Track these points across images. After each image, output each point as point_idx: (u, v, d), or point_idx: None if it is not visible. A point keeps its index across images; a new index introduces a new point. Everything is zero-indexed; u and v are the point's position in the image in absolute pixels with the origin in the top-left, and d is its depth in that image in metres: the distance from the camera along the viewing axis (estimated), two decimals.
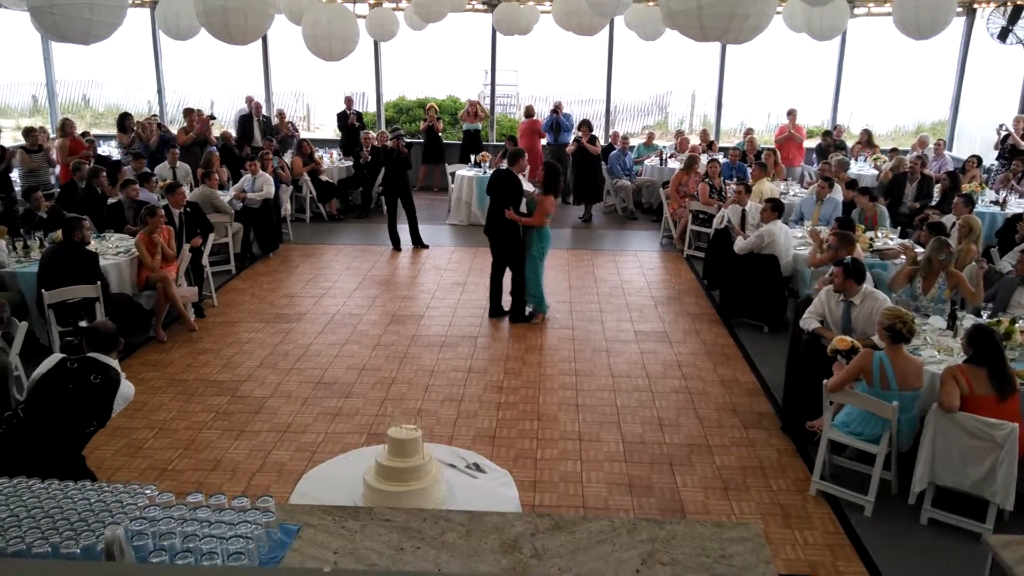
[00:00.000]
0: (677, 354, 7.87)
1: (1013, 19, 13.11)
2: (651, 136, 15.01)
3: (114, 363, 4.56)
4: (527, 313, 8.74)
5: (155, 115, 14.62)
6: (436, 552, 3.11)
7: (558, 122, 14.28)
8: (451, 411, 6.61)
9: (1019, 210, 9.69)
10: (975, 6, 14.41)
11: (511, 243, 8.58)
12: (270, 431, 6.27)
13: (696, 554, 3.11)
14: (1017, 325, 5.84)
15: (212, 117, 14.73)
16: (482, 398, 6.86)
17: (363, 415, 6.54)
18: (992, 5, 13.46)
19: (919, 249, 7.85)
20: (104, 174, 9.99)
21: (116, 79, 25.39)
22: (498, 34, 15.02)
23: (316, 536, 3.20)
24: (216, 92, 23.33)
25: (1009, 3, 12.98)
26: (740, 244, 8.58)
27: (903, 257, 7.86)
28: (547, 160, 9.20)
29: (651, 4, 12.16)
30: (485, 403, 6.76)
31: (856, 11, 14.71)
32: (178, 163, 11.86)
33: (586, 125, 13.52)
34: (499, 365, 7.55)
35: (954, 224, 8.30)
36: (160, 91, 16.41)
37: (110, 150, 13.76)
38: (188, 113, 13.62)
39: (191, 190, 10.56)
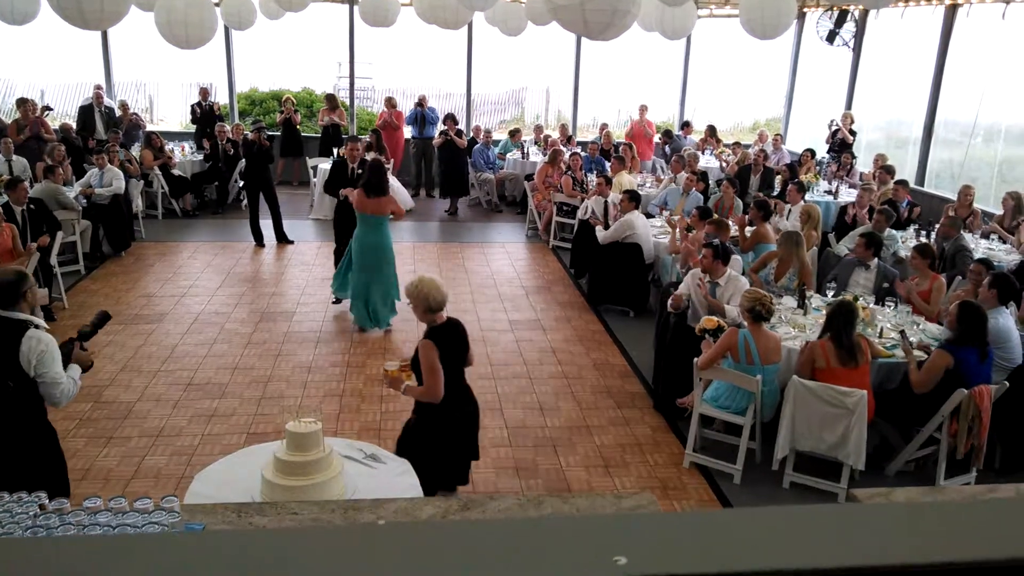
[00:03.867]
0: (551, 341, 8.11)
1: (839, 23, 14.22)
2: (517, 132, 15.22)
3: (19, 315, 4.11)
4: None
5: None
6: None
7: (423, 115, 14.29)
8: (333, 406, 6.54)
9: (850, 199, 10.58)
10: (805, 10, 15.54)
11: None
12: (141, 436, 5.99)
13: None
14: (859, 302, 6.42)
15: (48, 108, 13.73)
16: (363, 392, 6.83)
17: (240, 415, 6.37)
18: (820, 9, 14.55)
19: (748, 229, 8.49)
20: None
21: None
22: (355, 26, 14.86)
23: None
24: (47, 81, 21.71)
25: (835, 8, 14.07)
26: (602, 234, 8.94)
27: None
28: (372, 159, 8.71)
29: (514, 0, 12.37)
30: (367, 397, 6.74)
31: (699, 12, 15.54)
32: (14, 157, 11.01)
33: (451, 119, 13.60)
34: (377, 359, 7.51)
35: (790, 210, 8.99)
36: None
37: None
38: (22, 103, 12.62)
39: (31, 185, 9.83)
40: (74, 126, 13.41)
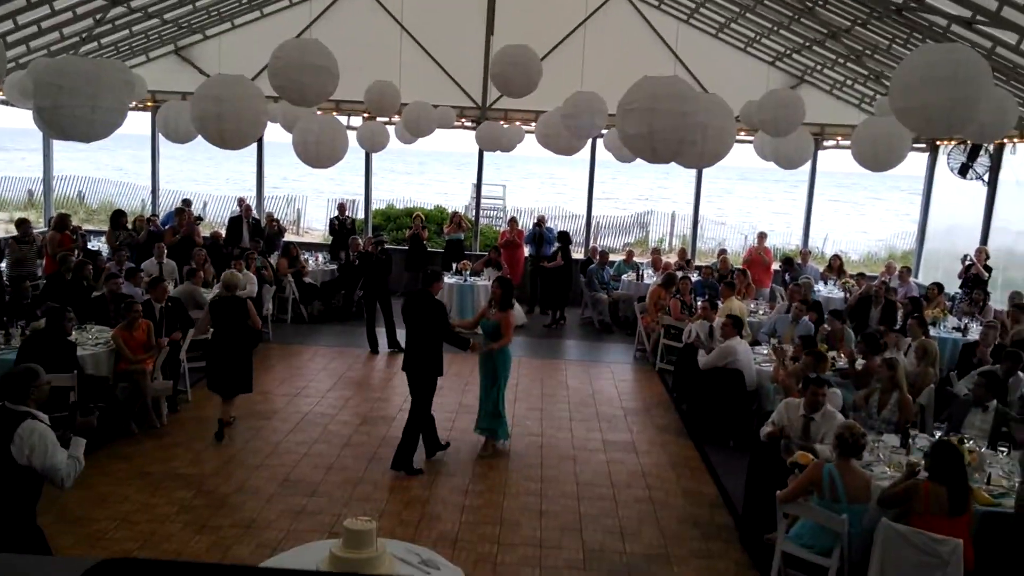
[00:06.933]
0: (643, 464, 7.96)
1: (972, 156, 13.84)
2: (630, 254, 15.48)
3: (22, 409, 4.49)
4: (488, 447, 8.05)
5: (154, 216, 15.07)
6: None
7: (541, 235, 14.79)
8: (414, 513, 6.64)
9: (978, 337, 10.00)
10: (937, 143, 15.22)
11: (429, 379, 7.61)
12: (232, 526, 6.27)
13: None
14: (966, 445, 6.02)
15: (199, 219, 15.14)
16: (447, 500, 6.91)
17: (327, 514, 6.56)
18: (952, 143, 14.23)
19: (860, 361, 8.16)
20: (90, 267, 10.24)
21: (113, 177, 26.09)
22: (484, 150, 15.73)
23: None
24: (211, 193, 23.98)
25: (968, 142, 13.73)
26: (703, 359, 8.84)
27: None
28: (498, 276, 9.01)
29: None
30: (449, 505, 6.81)
31: (826, 143, 15.54)
32: (165, 260, 12.14)
33: (562, 237, 14.15)
34: (466, 468, 7.61)
35: (910, 346, 8.61)
36: (155, 190, 16.86)
37: (99, 245, 14.06)
38: (179, 212, 14.00)
39: (175, 286, 10.78)
40: (223, 234, 14.67)
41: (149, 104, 15.42)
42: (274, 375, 10.41)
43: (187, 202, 15.41)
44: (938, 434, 6.55)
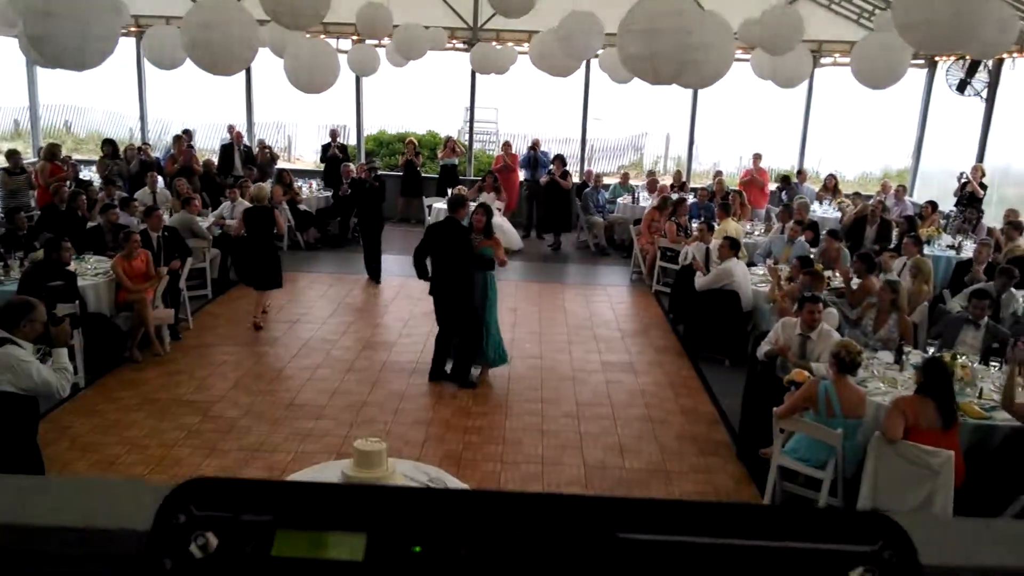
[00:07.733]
0: (641, 384, 8.11)
1: (971, 72, 13.69)
2: (626, 176, 15.43)
3: (2, 335, 4.53)
4: (475, 376, 7.95)
5: (146, 144, 14.89)
6: None
7: (536, 158, 14.68)
8: (419, 433, 6.80)
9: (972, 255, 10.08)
10: (936, 59, 15.02)
11: (464, 301, 7.63)
12: (240, 450, 6.42)
13: None
14: (959, 360, 6.15)
15: (190, 146, 14.95)
16: (450, 422, 7.06)
17: (333, 436, 6.70)
18: (951, 59, 14.05)
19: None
20: (84, 197, 10.17)
21: (99, 106, 25.60)
22: (476, 73, 15.45)
23: None
24: (198, 121, 23.51)
25: (967, 58, 13.55)
26: (700, 281, 8.92)
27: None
28: (479, 203, 8.76)
29: None
30: (453, 427, 6.96)
31: (823, 60, 15.30)
32: (159, 188, 12.04)
33: (559, 160, 14.02)
34: (468, 391, 7.74)
35: (905, 264, 8.70)
36: (143, 119, 16.60)
37: (91, 175, 13.92)
38: (177, 140, 13.86)
39: (171, 215, 10.72)
40: (216, 162, 14.53)
41: (132, 29, 15.02)
42: (273, 302, 10.42)
43: (187, 132, 15.12)
44: (931, 350, 6.68)
